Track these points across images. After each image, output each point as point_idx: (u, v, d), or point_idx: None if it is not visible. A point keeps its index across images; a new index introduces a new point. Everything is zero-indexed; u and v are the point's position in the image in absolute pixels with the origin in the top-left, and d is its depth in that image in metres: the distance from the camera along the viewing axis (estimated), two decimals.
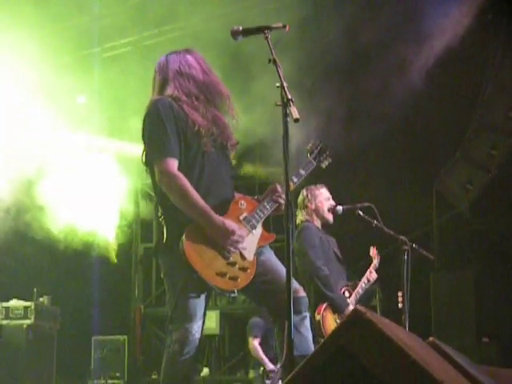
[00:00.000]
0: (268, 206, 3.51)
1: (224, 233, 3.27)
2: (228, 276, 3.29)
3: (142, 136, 3.46)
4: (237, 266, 3.33)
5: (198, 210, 3.27)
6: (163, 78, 3.54)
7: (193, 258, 3.22)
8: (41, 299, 7.67)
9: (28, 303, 7.39)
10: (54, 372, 7.54)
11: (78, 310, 8.52)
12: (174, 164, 3.32)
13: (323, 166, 4.01)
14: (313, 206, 5.55)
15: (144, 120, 3.45)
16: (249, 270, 3.37)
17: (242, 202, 3.49)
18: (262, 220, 3.49)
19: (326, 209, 5.54)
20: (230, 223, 3.30)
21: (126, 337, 8.61)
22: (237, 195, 3.57)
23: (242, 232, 3.35)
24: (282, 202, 3.50)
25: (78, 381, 8.48)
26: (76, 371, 8.50)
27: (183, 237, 3.23)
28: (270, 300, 3.47)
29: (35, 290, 7.55)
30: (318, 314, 5.13)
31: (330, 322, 5.15)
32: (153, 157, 3.39)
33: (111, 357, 8.43)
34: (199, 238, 3.26)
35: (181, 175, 3.30)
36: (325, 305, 5.17)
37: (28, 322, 7.27)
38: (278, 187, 3.54)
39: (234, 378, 8.50)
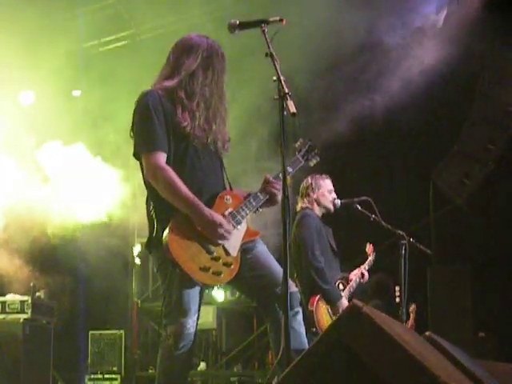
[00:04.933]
0: (254, 203, 3.49)
1: (212, 225, 3.24)
2: (211, 271, 3.27)
3: (132, 129, 3.45)
4: (221, 261, 3.31)
5: (185, 201, 3.25)
6: (174, 67, 3.47)
7: (176, 252, 3.20)
8: (37, 293, 7.66)
9: (25, 297, 7.37)
10: (50, 366, 7.52)
11: (75, 305, 8.52)
12: (161, 157, 3.31)
13: (311, 164, 3.99)
14: (315, 196, 5.53)
15: (134, 113, 3.44)
16: (232, 266, 3.35)
17: (228, 196, 3.46)
18: (248, 216, 3.47)
19: (328, 200, 5.53)
20: (218, 216, 3.29)
21: (122, 331, 8.61)
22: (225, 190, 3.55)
23: (229, 226, 3.33)
24: (275, 192, 3.50)
25: (74, 375, 8.48)
26: (73, 365, 8.50)
27: (167, 231, 3.22)
28: (261, 295, 3.47)
29: (32, 284, 7.54)
30: (311, 305, 5.13)
31: (322, 313, 5.17)
32: (140, 150, 3.38)
33: (108, 351, 8.43)
34: (184, 232, 3.25)
35: (168, 168, 3.29)
36: (318, 296, 5.18)
37: (25, 316, 7.25)
38: (269, 177, 3.53)
39: (230, 372, 8.50)
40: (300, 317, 3.48)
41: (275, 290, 3.37)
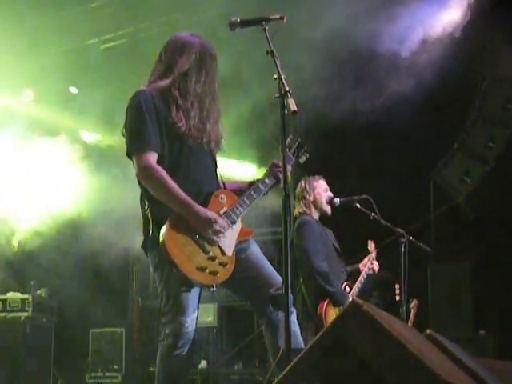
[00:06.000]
0: (248, 201, 3.49)
1: (206, 221, 3.24)
2: (208, 271, 3.26)
3: (124, 129, 3.44)
4: (217, 260, 3.31)
5: (178, 200, 3.25)
6: (167, 66, 3.47)
7: (173, 252, 3.19)
8: (38, 292, 7.67)
9: (25, 296, 7.39)
10: (51, 364, 7.54)
11: (76, 303, 8.52)
12: (151, 157, 3.30)
13: (301, 161, 3.99)
14: (311, 198, 5.55)
15: (126, 112, 3.43)
16: (228, 266, 3.34)
17: (223, 195, 3.46)
18: (242, 215, 3.46)
19: (324, 200, 5.54)
20: (211, 213, 3.29)
21: (123, 329, 8.61)
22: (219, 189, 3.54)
23: (223, 222, 3.33)
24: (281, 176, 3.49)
25: (75, 373, 8.47)
26: (73, 364, 8.49)
27: (163, 230, 3.21)
28: (255, 296, 3.47)
29: (32, 282, 7.55)
30: (321, 309, 5.14)
31: (332, 317, 5.17)
32: (132, 150, 3.37)
33: (109, 349, 8.43)
34: (180, 232, 3.24)
35: (159, 168, 3.28)
36: (327, 301, 5.19)
37: (25, 314, 7.27)
38: (277, 161, 3.54)
39: (231, 370, 8.50)
40: (294, 317, 3.49)
41: (268, 291, 3.38)
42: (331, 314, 5.18)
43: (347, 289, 5.39)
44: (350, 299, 5.26)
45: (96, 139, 8.60)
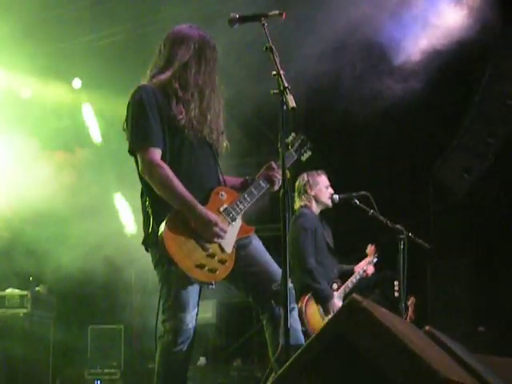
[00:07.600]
0: (249, 198, 3.47)
1: (207, 223, 3.22)
2: (207, 268, 3.25)
3: (126, 124, 3.42)
4: (216, 258, 3.29)
5: (181, 199, 3.22)
6: (167, 59, 3.45)
7: (172, 250, 3.18)
8: (37, 288, 7.66)
9: (24, 292, 7.38)
10: (50, 361, 7.53)
11: (75, 299, 8.51)
12: (156, 153, 3.28)
13: (303, 158, 3.97)
14: (313, 192, 5.56)
15: (127, 108, 3.40)
16: (227, 263, 3.33)
17: (223, 192, 3.43)
18: (243, 212, 3.44)
19: (325, 196, 5.55)
20: (213, 215, 3.26)
21: (122, 326, 8.61)
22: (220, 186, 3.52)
23: (224, 224, 3.31)
24: (275, 180, 3.49)
25: (74, 370, 8.46)
26: (72, 360, 8.49)
27: (162, 227, 3.20)
28: (257, 292, 3.45)
29: (31, 278, 7.54)
30: (302, 302, 5.16)
31: (313, 312, 5.19)
32: (135, 146, 3.34)
33: (108, 346, 8.42)
34: (179, 229, 3.22)
35: (163, 164, 3.26)
36: (308, 295, 5.20)
37: (24, 310, 7.26)
38: (273, 164, 3.52)
39: (230, 367, 8.51)
40: (296, 313, 3.48)
41: (271, 286, 3.37)
42: (313, 308, 5.20)
43: (334, 286, 5.40)
44: (334, 299, 5.29)
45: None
